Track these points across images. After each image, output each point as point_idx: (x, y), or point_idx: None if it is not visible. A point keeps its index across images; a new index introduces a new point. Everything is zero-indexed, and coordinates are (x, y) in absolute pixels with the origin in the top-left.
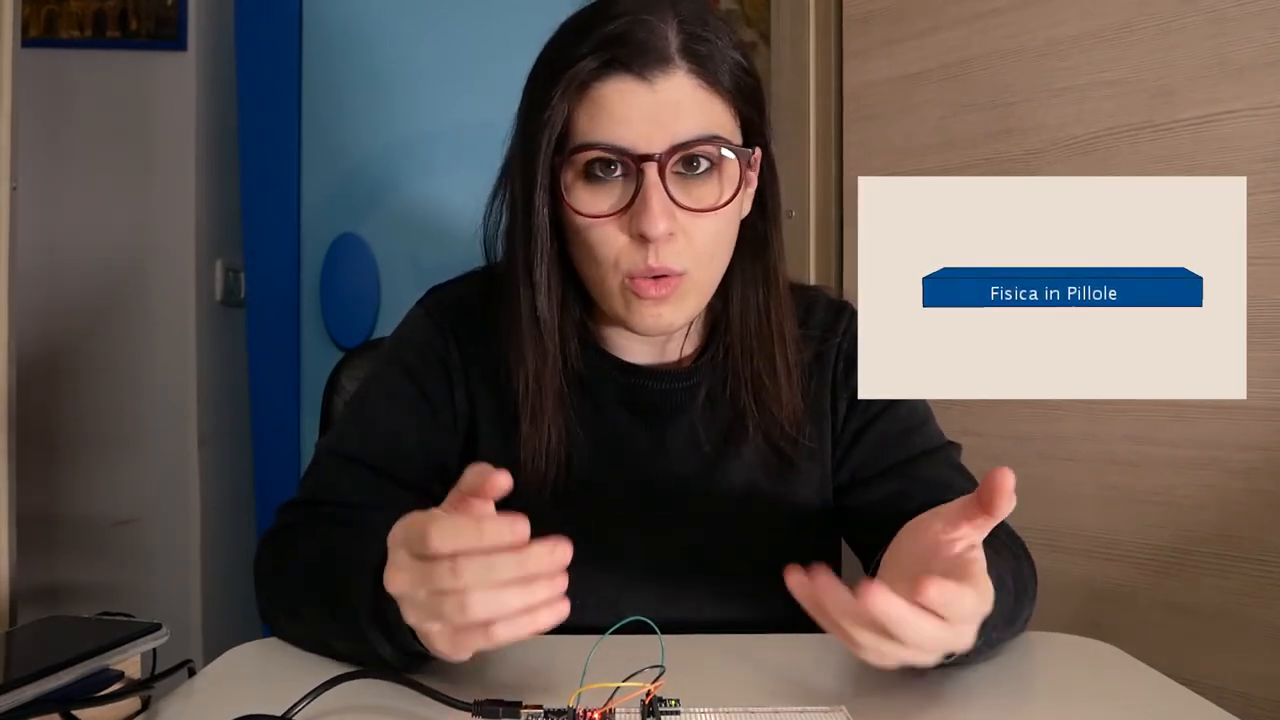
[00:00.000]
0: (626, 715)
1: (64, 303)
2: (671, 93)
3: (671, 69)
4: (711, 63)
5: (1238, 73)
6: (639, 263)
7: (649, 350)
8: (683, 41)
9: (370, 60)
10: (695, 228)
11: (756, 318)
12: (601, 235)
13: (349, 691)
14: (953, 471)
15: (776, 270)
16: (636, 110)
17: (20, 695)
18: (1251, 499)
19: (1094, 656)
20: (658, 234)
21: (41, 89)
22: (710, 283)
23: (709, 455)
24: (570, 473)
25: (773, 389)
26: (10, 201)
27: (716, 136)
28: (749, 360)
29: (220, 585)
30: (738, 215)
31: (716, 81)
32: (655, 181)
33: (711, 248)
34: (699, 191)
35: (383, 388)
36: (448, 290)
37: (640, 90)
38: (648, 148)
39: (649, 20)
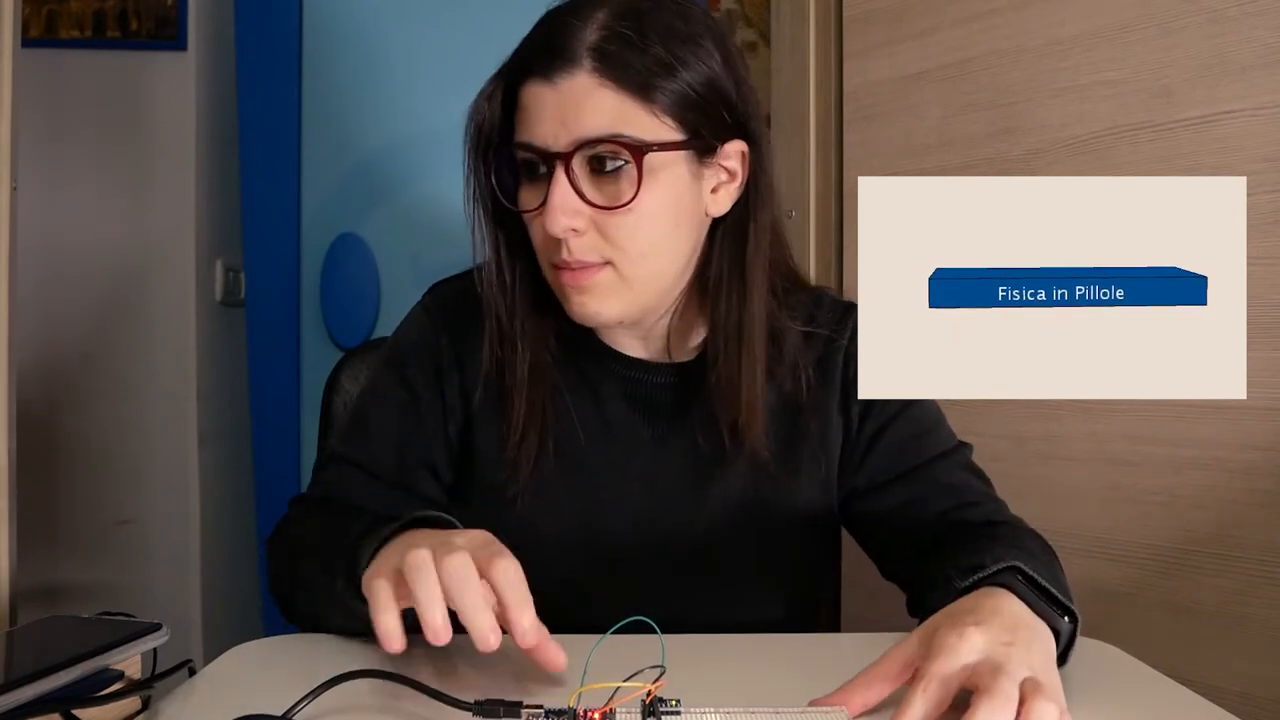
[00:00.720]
0: (627, 715)
1: (64, 303)
2: (573, 91)
3: (574, 68)
4: (620, 60)
5: (1238, 73)
6: (555, 254)
7: (638, 345)
8: (597, 40)
9: (370, 60)
10: (610, 224)
11: (725, 323)
12: (534, 229)
13: (349, 691)
14: (967, 474)
15: (751, 268)
16: (545, 110)
17: (20, 695)
18: (1251, 499)
19: (1094, 656)
20: (556, 230)
21: (41, 89)
22: (649, 280)
23: (708, 455)
24: (564, 464)
25: (732, 397)
26: (10, 201)
27: (620, 135)
28: (717, 364)
29: (220, 585)
30: (671, 214)
31: (626, 80)
32: (559, 178)
33: (635, 245)
34: (610, 188)
35: (378, 390)
36: (448, 285)
37: (546, 91)
38: (555, 145)
39: (567, 21)
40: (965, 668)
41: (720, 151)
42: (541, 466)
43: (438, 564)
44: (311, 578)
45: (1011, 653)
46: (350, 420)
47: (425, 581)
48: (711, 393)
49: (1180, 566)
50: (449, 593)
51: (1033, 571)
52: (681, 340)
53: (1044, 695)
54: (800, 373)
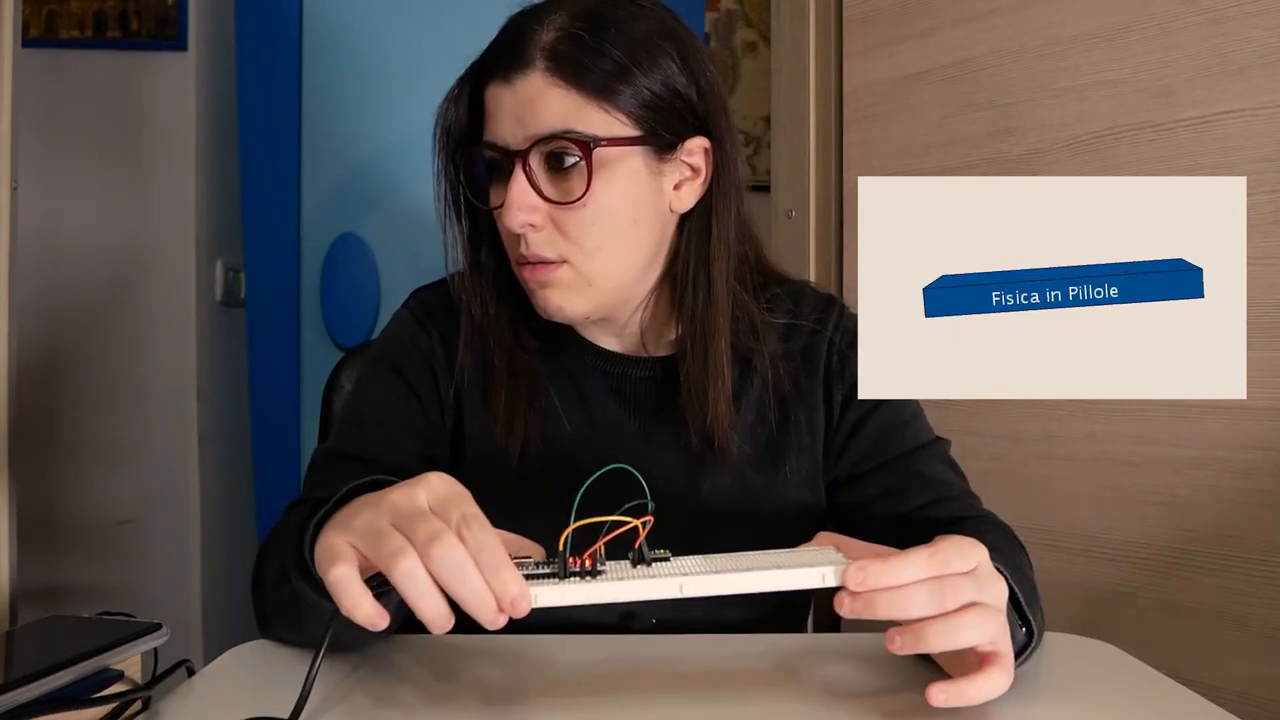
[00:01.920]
0: (616, 565)
1: (64, 302)
2: (528, 90)
3: (529, 69)
4: (572, 60)
5: (1238, 73)
6: (514, 251)
7: (616, 340)
8: (551, 40)
9: (370, 60)
10: (565, 220)
11: (690, 318)
12: (500, 226)
13: (350, 692)
14: (945, 467)
15: (715, 262)
16: (504, 110)
17: (20, 695)
18: (1251, 499)
19: (1094, 656)
20: (513, 225)
21: (41, 89)
22: (606, 274)
23: (695, 447)
24: (555, 459)
25: (699, 391)
26: (10, 201)
27: (571, 131)
28: (686, 354)
29: (220, 585)
30: (628, 209)
31: (576, 78)
32: (516, 175)
33: (593, 240)
34: (567, 185)
35: (370, 386)
36: (432, 289)
37: (505, 91)
38: (513, 143)
39: (524, 24)
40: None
41: (682, 148)
42: (531, 459)
43: (424, 555)
44: (272, 581)
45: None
46: (342, 418)
47: (414, 577)
48: (682, 389)
49: (1180, 566)
50: (446, 585)
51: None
52: (657, 335)
53: (1003, 667)
54: (782, 366)
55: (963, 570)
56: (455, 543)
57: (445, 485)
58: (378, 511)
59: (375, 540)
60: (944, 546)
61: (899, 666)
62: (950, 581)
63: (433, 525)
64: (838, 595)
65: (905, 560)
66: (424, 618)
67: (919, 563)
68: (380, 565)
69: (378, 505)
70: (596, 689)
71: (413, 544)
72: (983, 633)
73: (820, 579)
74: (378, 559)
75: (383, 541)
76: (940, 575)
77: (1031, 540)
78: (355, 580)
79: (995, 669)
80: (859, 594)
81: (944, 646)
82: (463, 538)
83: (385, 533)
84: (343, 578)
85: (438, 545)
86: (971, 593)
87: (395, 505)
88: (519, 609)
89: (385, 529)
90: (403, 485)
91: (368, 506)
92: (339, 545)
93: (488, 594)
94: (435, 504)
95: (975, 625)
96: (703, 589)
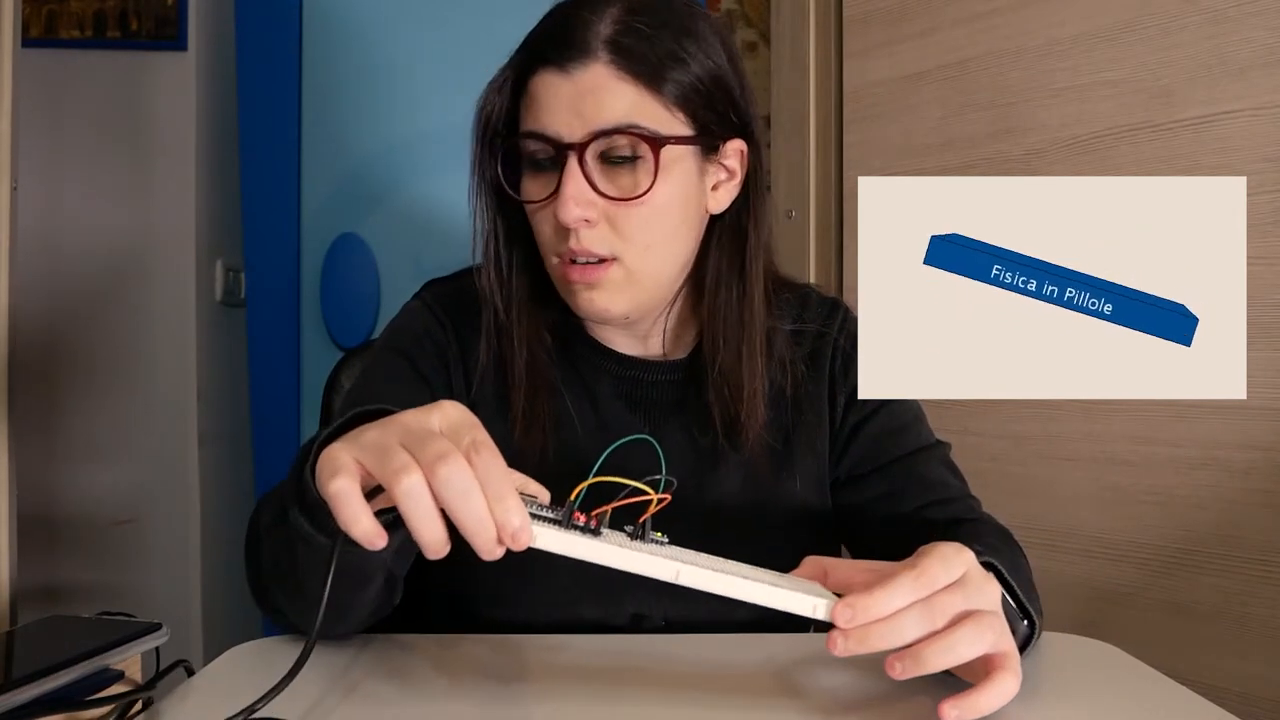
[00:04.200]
0: (615, 532)
1: (64, 302)
2: (588, 82)
3: (590, 60)
4: (636, 53)
5: (1238, 73)
6: (562, 246)
7: (634, 343)
8: (612, 33)
9: (370, 60)
10: (621, 216)
11: (725, 318)
12: (539, 220)
13: (350, 690)
14: (944, 470)
15: (752, 271)
16: (558, 100)
17: (20, 695)
18: (1251, 499)
19: (1094, 656)
20: (569, 220)
21: (41, 89)
22: (652, 274)
23: (705, 450)
24: (566, 463)
25: (735, 390)
26: (10, 201)
27: (636, 126)
28: (715, 358)
29: (220, 585)
30: (679, 208)
31: (641, 73)
32: (572, 169)
33: (645, 237)
34: (623, 180)
35: (378, 370)
36: (445, 283)
37: (560, 81)
38: (569, 136)
39: (582, 15)
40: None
41: (722, 149)
42: (544, 462)
43: (429, 474)
44: (267, 526)
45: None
46: (347, 401)
47: (416, 495)
48: (711, 388)
49: (1180, 566)
50: (448, 506)
51: (1007, 574)
52: (674, 338)
53: (1009, 670)
54: (790, 369)
55: (949, 583)
56: (463, 464)
57: (459, 412)
58: (387, 430)
59: (380, 455)
60: (927, 563)
61: None
62: (938, 599)
63: (441, 445)
64: (830, 635)
65: (890, 588)
66: (420, 539)
67: (905, 587)
68: (383, 480)
69: (387, 424)
70: (601, 688)
71: (418, 463)
72: (980, 644)
73: (811, 609)
74: (381, 474)
75: (388, 457)
76: (927, 595)
77: (1031, 540)
78: (356, 494)
79: (1002, 673)
80: (850, 631)
81: (943, 665)
82: (471, 462)
83: (391, 449)
84: (342, 490)
85: (444, 465)
86: (961, 604)
87: (405, 425)
88: (519, 541)
89: (392, 445)
90: (414, 409)
91: (376, 426)
92: (342, 458)
93: (489, 521)
94: (447, 428)
95: (971, 637)
96: (697, 581)
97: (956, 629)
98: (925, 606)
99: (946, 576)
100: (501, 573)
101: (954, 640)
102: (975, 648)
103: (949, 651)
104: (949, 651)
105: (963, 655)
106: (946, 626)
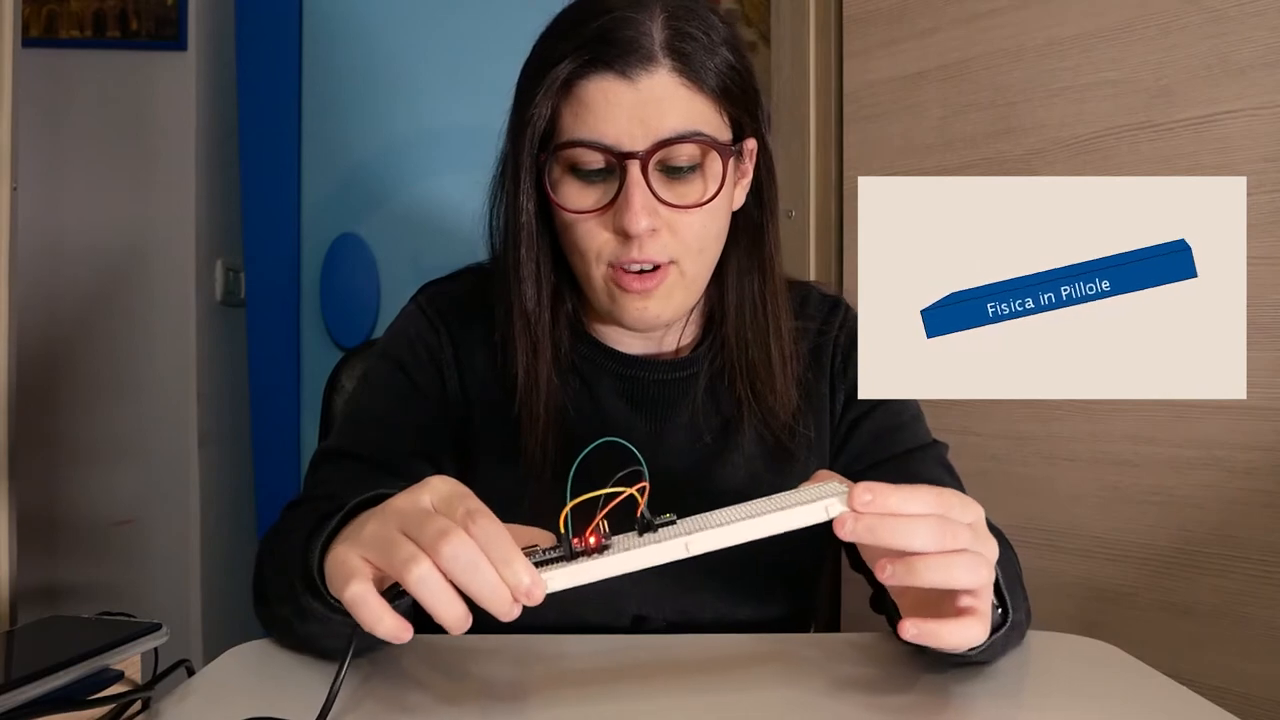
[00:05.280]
0: (623, 540)
1: (64, 303)
2: (654, 90)
3: (654, 66)
4: (696, 60)
5: (1238, 73)
6: (622, 255)
7: (645, 342)
8: (667, 38)
9: (370, 60)
10: (680, 223)
11: (752, 308)
12: (586, 230)
13: (362, 696)
14: (941, 470)
15: (772, 261)
16: (619, 108)
17: (20, 695)
18: (1251, 499)
19: (1094, 656)
20: (639, 230)
21: (41, 89)
22: (700, 276)
23: (709, 447)
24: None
25: (767, 379)
26: (10, 201)
27: (699, 133)
28: (745, 350)
29: (220, 585)
30: (727, 209)
31: (700, 79)
32: (637, 179)
33: (699, 242)
34: (683, 188)
35: (375, 383)
36: (441, 285)
37: (622, 88)
38: (631, 145)
39: (633, 17)
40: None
41: (743, 147)
42: (546, 461)
43: (434, 555)
44: (277, 596)
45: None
46: (344, 416)
47: (429, 581)
48: (741, 380)
49: (1180, 566)
50: (459, 581)
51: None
52: (679, 335)
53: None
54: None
55: (964, 520)
56: (464, 538)
57: (447, 485)
58: (384, 520)
59: (385, 549)
60: (948, 492)
61: (903, 665)
62: (952, 524)
63: (439, 523)
64: (839, 517)
65: (912, 491)
66: (443, 621)
67: (926, 497)
68: (394, 574)
69: (383, 514)
70: (605, 688)
71: (421, 546)
72: (974, 577)
73: (824, 511)
74: (390, 568)
75: (393, 550)
76: (944, 515)
77: (1031, 540)
78: (373, 595)
79: (974, 617)
80: (863, 516)
81: (934, 583)
82: (470, 532)
83: (394, 540)
84: (360, 595)
85: (447, 543)
86: (969, 541)
87: (400, 510)
88: (534, 597)
89: (394, 536)
90: (405, 491)
91: (374, 517)
92: (351, 560)
93: (501, 586)
94: (439, 504)
95: (970, 566)
96: (707, 544)
97: (959, 554)
98: (940, 523)
99: (963, 514)
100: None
101: (954, 562)
102: (970, 577)
103: (946, 570)
104: (946, 570)
105: (956, 579)
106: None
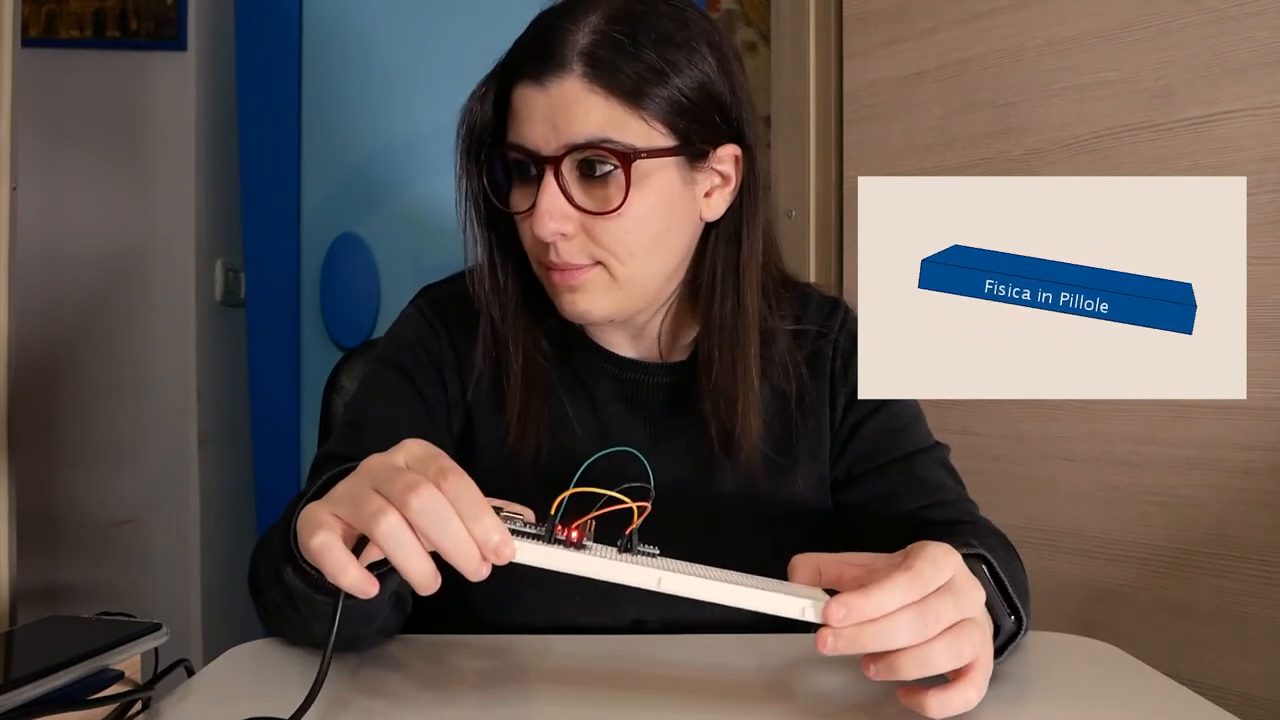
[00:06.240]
0: (602, 547)
1: (64, 303)
2: (562, 95)
3: (564, 73)
4: (611, 67)
5: (1238, 73)
6: (543, 256)
7: (632, 345)
8: (588, 44)
9: (370, 60)
10: (599, 228)
11: (721, 323)
12: (524, 230)
13: (352, 694)
14: (943, 471)
15: (745, 274)
16: (535, 113)
17: (20, 695)
18: (1251, 499)
19: (1094, 656)
20: (543, 234)
21: (41, 89)
22: (638, 280)
23: (705, 453)
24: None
25: (730, 398)
26: (10, 201)
27: (608, 139)
28: (712, 367)
29: (220, 585)
30: (663, 216)
31: (614, 86)
32: (548, 182)
33: (625, 247)
34: (600, 192)
35: (375, 387)
36: (439, 287)
37: (536, 94)
38: (545, 149)
39: (559, 24)
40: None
41: (713, 156)
42: (542, 466)
43: (403, 508)
44: (266, 583)
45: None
46: (344, 420)
47: (396, 534)
48: (705, 397)
49: (1180, 566)
50: (427, 535)
51: (999, 569)
52: (673, 340)
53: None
54: (793, 373)
55: (941, 583)
56: (434, 492)
57: (422, 447)
58: (356, 478)
59: (354, 504)
60: (920, 564)
61: None
62: (931, 604)
63: (409, 477)
64: (820, 632)
65: (885, 589)
66: (410, 577)
67: (900, 588)
68: (362, 527)
69: (356, 474)
70: (598, 688)
71: (390, 500)
72: (956, 658)
73: (800, 611)
74: (359, 522)
75: (362, 504)
76: (920, 599)
77: (1031, 540)
78: (338, 545)
79: (964, 685)
80: (842, 630)
81: (917, 675)
82: (441, 488)
83: (364, 495)
84: (323, 543)
85: (416, 496)
86: (953, 612)
87: (372, 469)
88: (502, 555)
89: (364, 491)
90: (381, 453)
91: (347, 477)
92: (319, 514)
93: (470, 542)
94: (413, 462)
95: (948, 650)
96: (680, 588)
97: (937, 640)
98: (919, 611)
99: (938, 577)
100: (500, 577)
101: (931, 653)
102: (949, 660)
103: (925, 663)
104: (925, 663)
105: (937, 667)
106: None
